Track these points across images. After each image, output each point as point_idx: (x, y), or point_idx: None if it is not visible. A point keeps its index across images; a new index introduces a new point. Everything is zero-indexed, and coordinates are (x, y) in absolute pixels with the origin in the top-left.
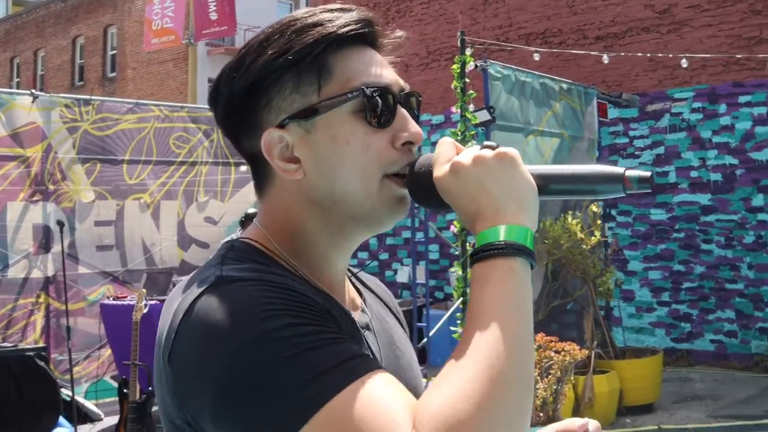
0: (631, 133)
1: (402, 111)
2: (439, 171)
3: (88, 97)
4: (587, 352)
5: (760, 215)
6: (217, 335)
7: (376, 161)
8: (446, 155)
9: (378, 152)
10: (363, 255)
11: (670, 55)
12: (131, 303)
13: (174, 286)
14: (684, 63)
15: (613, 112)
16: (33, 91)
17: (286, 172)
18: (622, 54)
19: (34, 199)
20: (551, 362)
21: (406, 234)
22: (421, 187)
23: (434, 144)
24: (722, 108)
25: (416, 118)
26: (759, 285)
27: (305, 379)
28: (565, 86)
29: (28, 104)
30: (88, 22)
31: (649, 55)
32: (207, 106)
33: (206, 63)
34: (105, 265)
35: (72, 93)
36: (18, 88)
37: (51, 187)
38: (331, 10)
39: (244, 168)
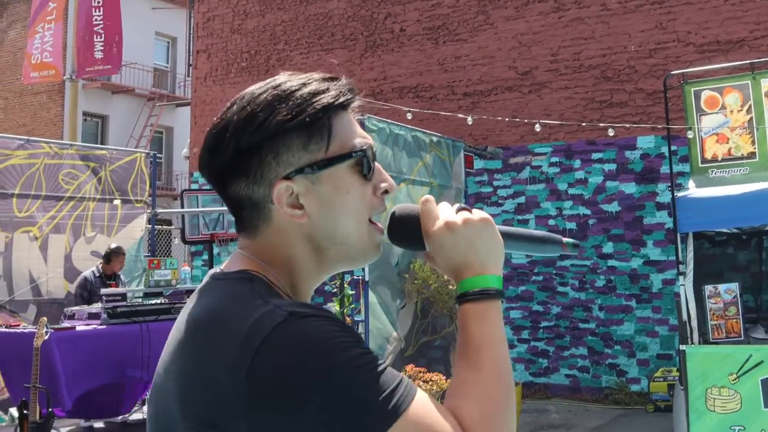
0: (495, 183)
1: (377, 164)
2: (435, 226)
3: None
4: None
5: (610, 261)
6: (312, 358)
7: (367, 208)
8: (436, 212)
9: (368, 200)
10: None
11: (527, 121)
12: (24, 331)
13: (65, 316)
14: (537, 128)
15: (478, 163)
16: None
17: (293, 217)
18: (485, 116)
19: None
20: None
21: None
22: (404, 232)
23: None
24: (577, 163)
25: None
26: (609, 325)
27: (384, 396)
28: (435, 139)
29: None
30: None
31: (508, 119)
32: (95, 145)
33: (81, 96)
34: None
35: None
36: None
37: None
38: (324, 79)
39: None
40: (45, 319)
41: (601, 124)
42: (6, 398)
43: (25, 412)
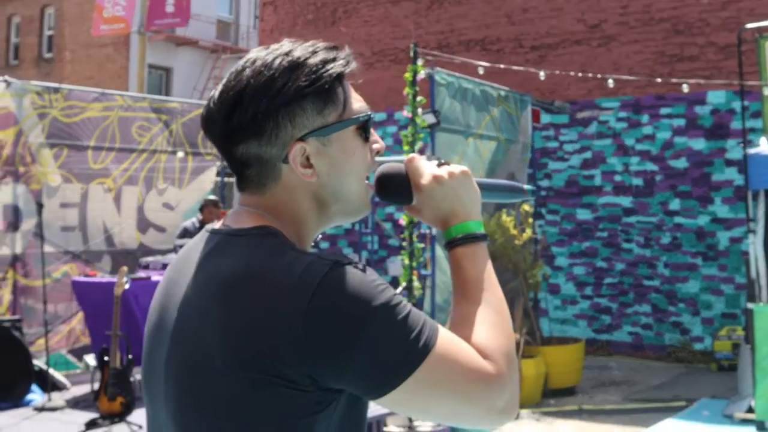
0: (562, 138)
1: (372, 130)
2: (425, 180)
3: (57, 85)
4: (518, 336)
5: (676, 218)
6: (360, 303)
7: (365, 168)
8: (425, 169)
9: (367, 161)
10: None
11: (598, 75)
12: (102, 280)
13: (140, 267)
14: (611, 83)
15: (545, 118)
16: (6, 78)
17: (304, 176)
18: (553, 69)
19: (5, 180)
20: None
21: (347, 225)
22: (394, 188)
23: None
24: (645, 118)
25: None
26: (673, 282)
27: (416, 333)
28: (503, 93)
29: (1, 90)
30: (25, 1)
31: (576, 73)
32: (167, 98)
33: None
34: (68, 245)
35: (5, 72)
36: None
37: (21, 170)
38: (329, 48)
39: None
40: (125, 268)
41: (674, 80)
42: (81, 346)
43: (105, 358)
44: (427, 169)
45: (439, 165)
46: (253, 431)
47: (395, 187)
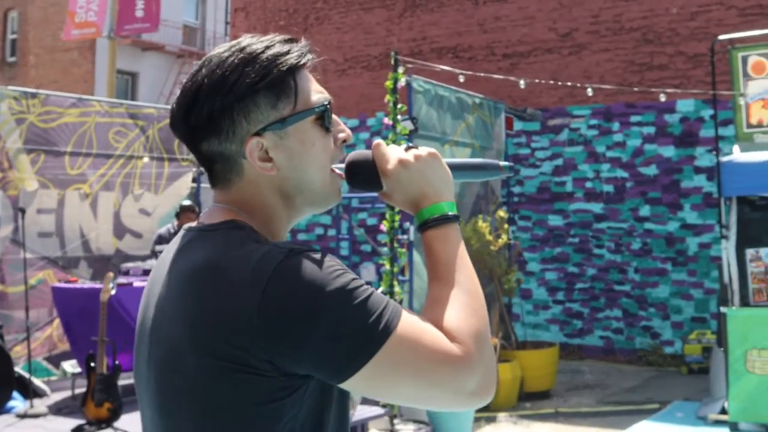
0: (534, 145)
1: (335, 117)
2: (391, 165)
3: (34, 90)
4: (495, 341)
5: (646, 224)
6: (314, 289)
7: (329, 158)
8: (391, 154)
9: (329, 151)
10: None
11: (568, 83)
12: (83, 286)
13: (120, 273)
14: (590, 92)
15: (517, 125)
16: None
17: (263, 170)
18: (525, 77)
19: None
20: None
21: (319, 231)
22: (362, 175)
23: (349, 146)
24: (615, 126)
25: None
26: (643, 287)
27: (376, 317)
28: (477, 101)
29: None
30: None
31: (550, 81)
32: (144, 104)
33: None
34: (45, 251)
35: None
36: None
37: None
38: (285, 41)
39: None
40: (111, 274)
41: (653, 89)
42: (58, 353)
43: (92, 364)
44: (393, 153)
45: (407, 149)
46: (225, 419)
47: (363, 174)
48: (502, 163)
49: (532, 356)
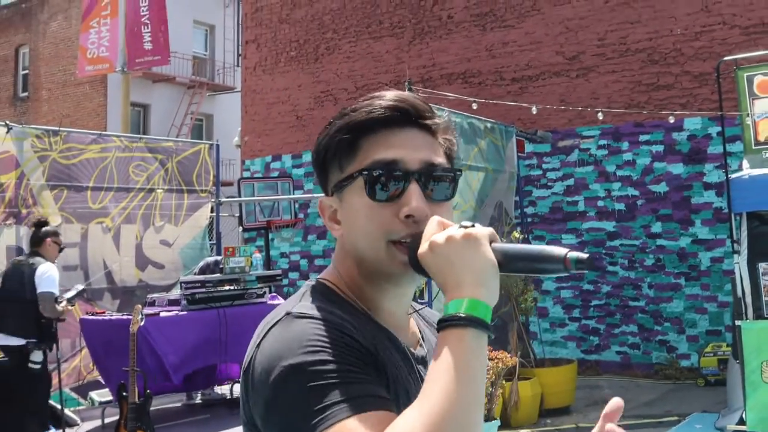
0: (545, 166)
1: (411, 188)
2: (422, 248)
3: (56, 128)
4: (515, 360)
5: (659, 240)
6: (272, 359)
7: (378, 229)
8: (429, 233)
9: (380, 222)
10: (293, 275)
11: (579, 108)
12: (111, 317)
13: (146, 303)
14: (600, 116)
15: (528, 147)
16: (7, 122)
17: (332, 230)
18: (533, 100)
19: (8, 222)
20: (487, 368)
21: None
22: (414, 257)
23: None
24: (625, 145)
25: (450, 188)
26: (658, 302)
27: (317, 408)
28: (489, 125)
29: (3, 134)
30: None
31: (558, 104)
32: (162, 137)
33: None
34: (70, 284)
35: None
36: None
37: (23, 211)
38: (374, 97)
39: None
40: (140, 306)
41: (663, 111)
42: (86, 383)
43: (124, 393)
44: (431, 232)
45: (460, 228)
46: None
47: (413, 257)
48: (570, 254)
49: (551, 373)
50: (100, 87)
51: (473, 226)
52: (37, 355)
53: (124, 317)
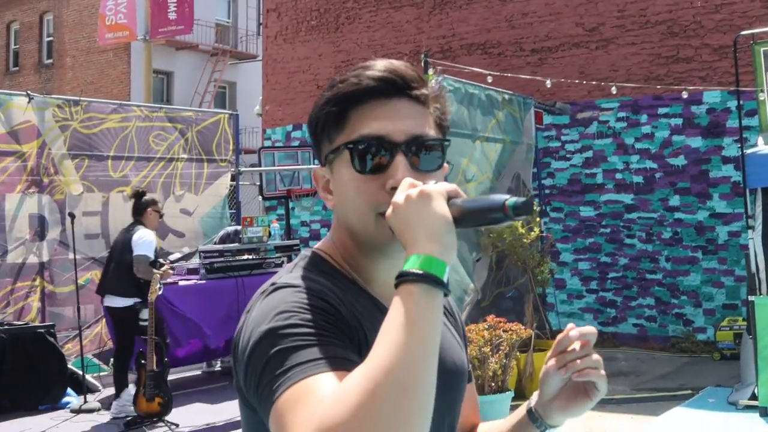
0: (563, 138)
1: (397, 159)
2: (388, 211)
3: (77, 98)
4: (530, 332)
5: (677, 214)
6: (251, 327)
7: (365, 201)
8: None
9: (367, 194)
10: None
11: (593, 82)
12: None
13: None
14: (614, 90)
15: (547, 119)
16: (28, 92)
17: (325, 200)
18: (552, 72)
19: (30, 191)
20: (501, 340)
21: None
22: None
23: None
24: (643, 118)
25: (440, 158)
26: (675, 276)
27: (281, 370)
28: (507, 96)
29: (24, 104)
30: (23, 8)
31: (577, 80)
32: (182, 107)
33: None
34: (91, 252)
35: (7, 78)
36: None
37: (45, 180)
38: (362, 67)
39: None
40: (158, 275)
41: (674, 87)
42: (107, 349)
43: (142, 361)
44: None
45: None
46: None
47: None
48: (509, 201)
49: None
50: (124, 54)
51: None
52: (144, 313)
53: None
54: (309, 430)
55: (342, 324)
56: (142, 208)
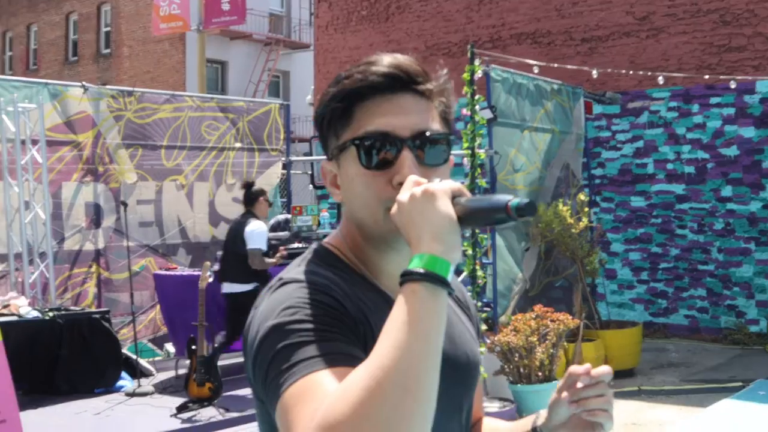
0: (614, 128)
1: (403, 155)
2: (393, 209)
3: (131, 89)
4: (578, 321)
5: (729, 204)
6: (258, 323)
7: (373, 197)
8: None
9: (376, 190)
10: None
11: (639, 72)
12: (183, 273)
13: (217, 260)
14: (661, 80)
15: (597, 108)
16: (83, 83)
17: (333, 195)
18: (603, 61)
19: (86, 179)
20: (548, 330)
21: None
22: None
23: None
24: (695, 108)
25: (445, 152)
26: (727, 267)
27: (285, 366)
28: (555, 86)
29: (80, 95)
30: None
31: (626, 65)
32: (234, 97)
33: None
34: (146, 240)
35: (66, 68)
36: (10, 62)
37: (100, 169)
38: (367, 63)
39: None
40: (209, 263)
41: (722, 77)
42: (162, 335)
43: (193, 347)
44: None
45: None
46: None
47: None
48: (512, 202)
49: (616, 335)
50: (179, 44)
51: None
52: None
53: (195, 273)
54: (312, 426)
55: (347, 319)
56: (253, 197)
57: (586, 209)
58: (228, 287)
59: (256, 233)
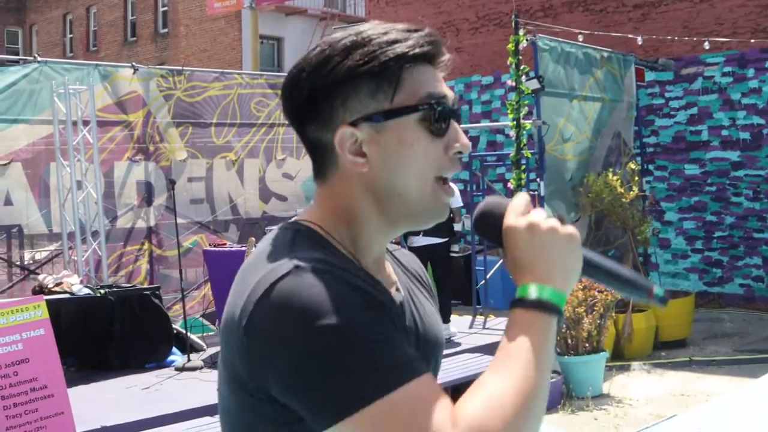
0: (667, 95)
1: (454, 123)
2: (515, 221)
3: (180, 68)
4: None
5: None
6: (299, 317)
7: (431, 165)
8: (521, 209)
9: (434, 158)
10: None
11: (685, 38)
12: (231, 249)
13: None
14: (707, 46)
15: (649, 75)
16: (133, 63)
17: (354, 165)
18: (655, 26)
19: (137, 158)
20: (595, 300)
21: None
22: (487, 222)
23: (485, 103)
24: (750, 72)
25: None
26: None
27: (365, 374)
28: (605, 54)
29: (129, 75)
30: None
31: (677, 31)
32: (282, 74)
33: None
34: (197, 216)
35: (125, 48)
36: (71, 44)
37: (151, 148)
38: (407, 30)
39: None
40: (253, 239)
41: None
42: (213, 310)
43: None
44: (530, 214)
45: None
46: None
47: (490, 224)
48: (656, 289)
49: (667, 305)
50: (235, 21)
51: (564, 219)
52: (455, 247)
53: (243, 248)
54: (462, 425)
55: (385, 311)
56: None
57: (637, 178)
58: (423, 241)
59: (456, 195)
